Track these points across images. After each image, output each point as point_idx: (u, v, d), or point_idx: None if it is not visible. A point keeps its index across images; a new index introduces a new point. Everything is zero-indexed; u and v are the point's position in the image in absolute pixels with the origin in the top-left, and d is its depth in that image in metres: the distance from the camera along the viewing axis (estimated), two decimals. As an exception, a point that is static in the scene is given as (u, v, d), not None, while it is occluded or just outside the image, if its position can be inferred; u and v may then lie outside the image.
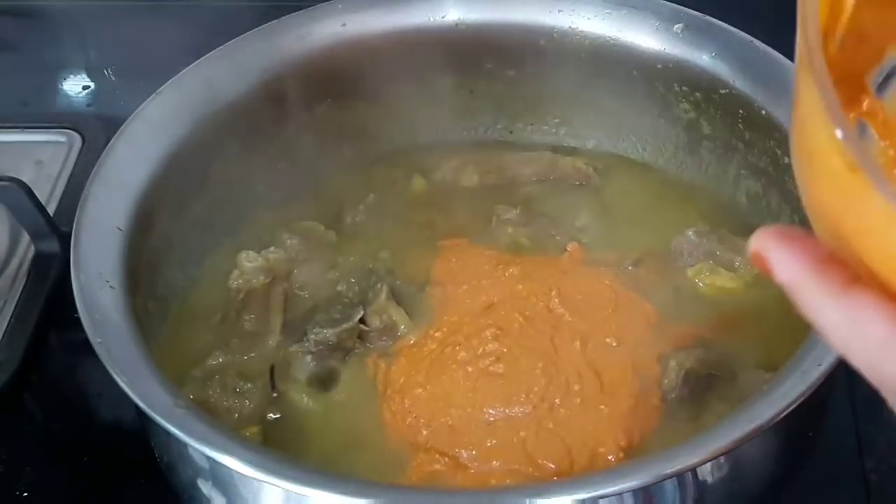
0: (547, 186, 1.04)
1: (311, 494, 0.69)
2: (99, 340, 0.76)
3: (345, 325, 0.89)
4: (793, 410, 0.70)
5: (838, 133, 0.41)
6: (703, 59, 0.96)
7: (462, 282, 0.93)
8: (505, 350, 0.87)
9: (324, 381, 0.88)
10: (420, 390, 0.86)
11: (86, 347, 0.76)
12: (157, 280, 0.92)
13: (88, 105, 1.35)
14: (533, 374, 0.86)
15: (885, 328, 0.42)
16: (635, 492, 0.70)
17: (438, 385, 0.86)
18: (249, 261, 0.94)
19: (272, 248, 0.96)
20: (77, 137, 1.23)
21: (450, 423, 0.84)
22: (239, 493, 0.75)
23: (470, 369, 0.86)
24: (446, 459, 0.82)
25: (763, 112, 0.92)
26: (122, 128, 0.91)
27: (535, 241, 0.98)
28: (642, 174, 1.05)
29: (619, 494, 0.69)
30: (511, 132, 1.10)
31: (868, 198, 0.40)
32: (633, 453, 0.81)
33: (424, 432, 0.83)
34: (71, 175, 1.18)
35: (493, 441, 0.82)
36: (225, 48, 0.98)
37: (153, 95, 0.94)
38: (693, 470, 0.71)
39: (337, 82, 1.03)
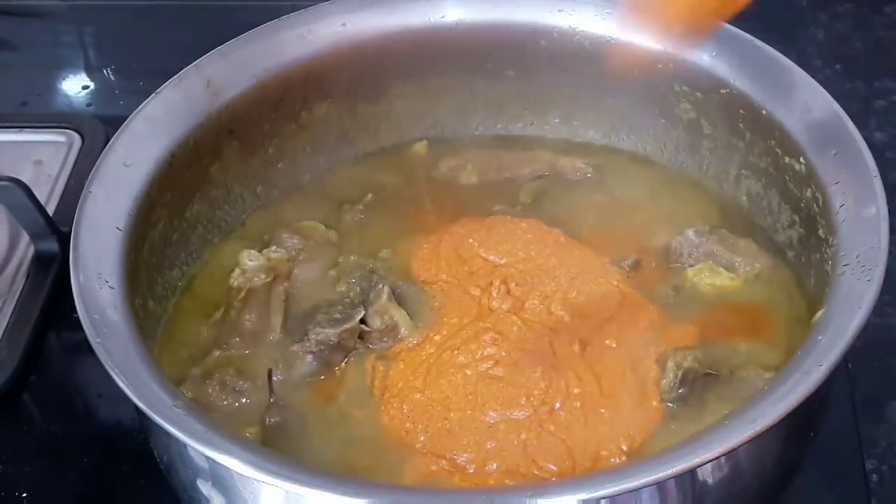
0: (546, 186, 1.04)
1: (310, 494, 0.69)
2: (98, 340, 0.76)
3: (346, 326, 0.89)
4: (794, 411, 0.70)
5: None
6: (703, 59, 0.96)
7: (465, 284, 0.93)
8: (504, 354, 0.87)
9: (323, 383, 0.88)
10: (418, 395, 0.86)
11: (85, 347, 0.76)
12: (157, 279, 0.92)
13: (88, 105, 1.35)
14: (532, 377, 0.86)
15: None
16: (636, 492, 0.70)
17: (437, 390, 0.86)
18: (251, 259, 0.94)
19: (273, 248, 0.96)
20: (76, 137, 1.23)
21: (448, 427, 0.84)
22: (239, 493, 0.75)
23: (469, 373, 0.86)
24: (444, 462, 0.82)
25: (763, 112, 0.92)
26: (121, 128, 0.91)
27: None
28: (642, 174, 1.05)
29: (620, 495, 0.69)
30: (511, 132, 1.10)
31: None
32: (635, 455, 0.81)
33: (422, 438, 0.83)
34: (70, 175, 1.19)
35: (493, 444, 0.82)
36: (225, 48, 0.98)
37: (153, 95, 0.94)
38: (694, 470, 0.71)
39: (337, 82, 1.03)
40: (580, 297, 0.91)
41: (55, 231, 1.08)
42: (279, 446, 0.83)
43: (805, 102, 0.90)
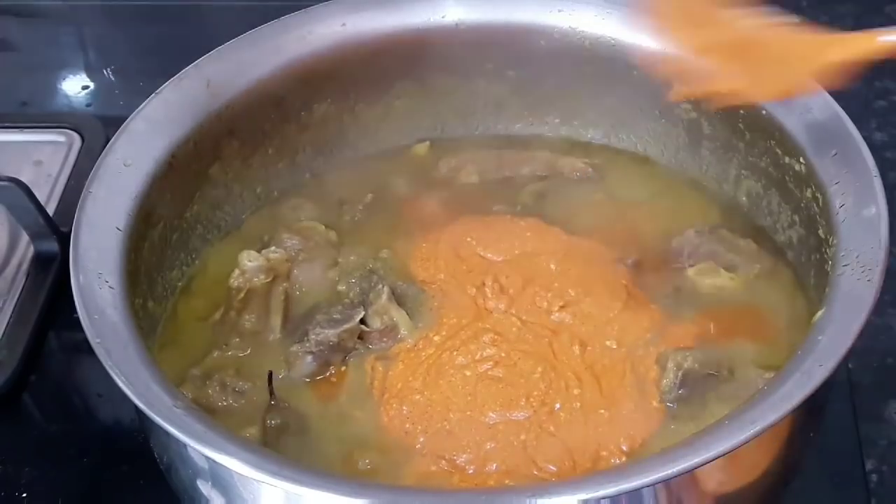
0: (546, 186, 1.04)
1: (310, 494, 0.69)
2: (98, 340, 0.76)
3: (346, 326, 0.89)
4: (794, 411, 0.70)
5: None
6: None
7: (462, 282, 0.93)
8: (503, 354, 0.87)
9: (323, 383, 0.88)
10: (418, 396, 0.86)
11: (85, 347, 0.76)
12: (157, 280, 0.92)
13: (88, 105, 1.35)
14: (532, 378, 0.86)
15: None
16: (636, 492, 0.70)
17: (436, 391, 0.86)
18: (250, 260, 0.94)
19: (273, 248, 0.96)
20: (76, 137, 1.23)
21: (448, 427, 0.84)
22: (238, 493, 0.75)
23: (468, 374, 0.86)
24: (444, 462, 0.82)
25: (763, 112, 0.92)
26: (121, 128, 0.91)
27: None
28: (642, 174, 1.05)
29: (620, 495, 0.69)
30: (511, 132, 1.10)
31: None
32: (635, 454, 0.81)
33: (422, 438, 0.84)
34: (70, 175, 1.19)
35: (493, 444, 0.82)
36: (225, 48, 0.98)
37: (153, 95, 0.94)
38: (694, 470, 0.70)
39: (337, 82, 1.03)
40: (583, 296, 0.91)
41: (55, 231, 1.08)
42: (279, 447, 0.83)
43: (805, 102, 0.90)
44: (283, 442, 0.84)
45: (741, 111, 0.95)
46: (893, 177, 1.11)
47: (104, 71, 1.40)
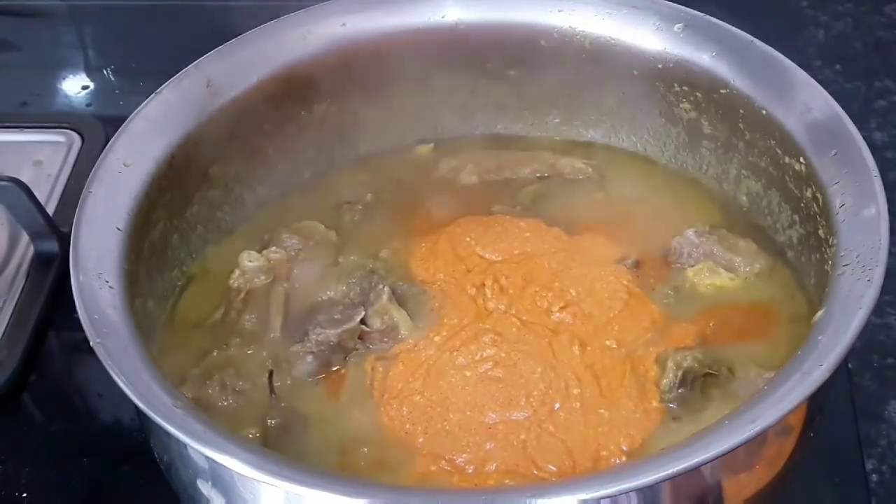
0: (546, 186, 1.04)
1: (310, 494, 0.69)
2: (98, 340, 0.76)
3: (346, 326, 0.89)
4: (794, 410, 0.70)
5: None
6: (704, 59, 0.96)
7: (462, 282, 0.93)
8: (503, 355, 0.87)
9: (323, 383, 0.88)
10: (418, 397, 0.86)
11: (85, 347, 0.76)
12: (157, 280, 0.92)
13: (88, 105, 1.35)
14: (532, 378, 0.86)
15: None
16: (636, 492, 0.70)
17: (436, 391, 0.86)
18: (250, 260, 0.94)
19: (273, 248, 0.96)
20: (76, 137, 1.24)
21: (448, 428, 0.84)
22: (238, 493, 0.75)
23: (468, 374, 0.86)
24: (444, 462, 0.82)
25: (763, 112, 0.92)
26: (121, 128, 0.91)
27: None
28: (642, 174, 1.05)
29: (620, 495, 0.69)
30: (511, 132, 1.10)
31: None
32: (635, 455, 0.81)
33: (422, 439, 0.84)
34: (70, 175, 1.19)
35: (492, 444, 0.82)
36: (225, 48, 0.98)
37: (153, 95, 0.94)
38: (694, 470, 0.70)
39: (337, 82, 1.03)
40: (584, 296, 0.91)
41: (55, 231, 1.08)
42: (279, 446, 0.83)
43: (805, 102, 0.90)
44: (283, 442, 0.84)
45: (741, 111, 0.95)
46: (893, 177, 1.11)
47: (104, 71, 1.41)
